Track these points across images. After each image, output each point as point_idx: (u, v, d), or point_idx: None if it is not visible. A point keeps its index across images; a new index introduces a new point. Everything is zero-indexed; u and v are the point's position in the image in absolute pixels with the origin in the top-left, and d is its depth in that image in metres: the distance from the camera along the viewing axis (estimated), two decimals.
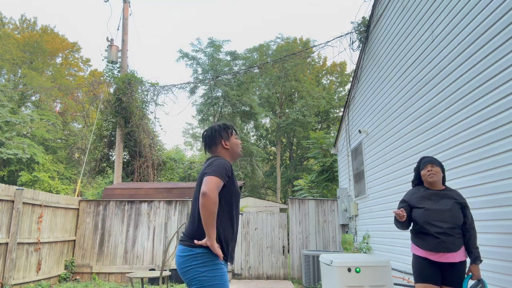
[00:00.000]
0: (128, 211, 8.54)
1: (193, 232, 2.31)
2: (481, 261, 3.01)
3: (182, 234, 2.40)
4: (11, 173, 20.94)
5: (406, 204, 3.27)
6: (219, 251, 2.21)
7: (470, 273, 3.02)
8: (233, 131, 2.63)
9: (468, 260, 3.05)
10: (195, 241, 2.25)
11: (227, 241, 2.33)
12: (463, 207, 3.10)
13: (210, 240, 2.19)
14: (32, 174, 19.83)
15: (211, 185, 2.20)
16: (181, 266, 2.25)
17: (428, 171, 3.25)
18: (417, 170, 3.38)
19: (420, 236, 3.11)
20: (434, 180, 3.21)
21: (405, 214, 3.06)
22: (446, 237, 2.98)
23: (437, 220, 3.03)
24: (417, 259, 3.14)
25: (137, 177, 12.07)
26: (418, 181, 3.39)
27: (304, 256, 7.79)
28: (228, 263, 2.40)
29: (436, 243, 3.00)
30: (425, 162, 3.31)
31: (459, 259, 2.99)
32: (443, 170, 3.30)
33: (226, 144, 2.56)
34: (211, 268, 2.20)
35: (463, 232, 3.06)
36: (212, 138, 2.56)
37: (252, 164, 22.34)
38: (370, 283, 3.87)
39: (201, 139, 2.72)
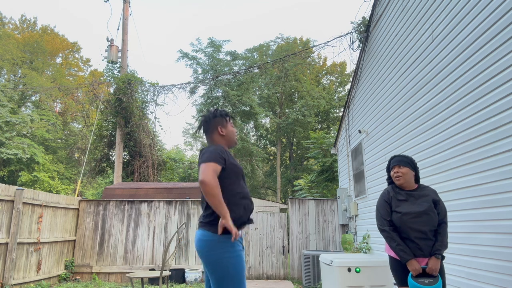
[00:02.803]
0: (128, 211, 8.54)
1: (208, 217, 2.40)
2: (442, 256, 2.92)
3: (200, 219, 2.49)
4: (11, 173, 20.95)
5: (388, 205, 3.15)
6: (234, 229, 2.28)
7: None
8: (230, 118, 2.70)
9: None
10: (219, 231, 2.31)
11: (239, 218, 2.41)
12: (436, 204, 3.03)
13: (225, 219, 2.27)
14: (32, 174, 19.84)
15: (207, 170, 2.29)
16: (202, 249, 2.35)
17: (395, 173, 3.16)
18: (388, 170, 3.29)
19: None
20: (401, 182, 3.13)
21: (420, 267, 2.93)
22: (424, 242, 2.94)
23: (415, 224, 2.96)
24: (395, 263, 3.07)
25: (137, 177, 12.07)
26: (390, 180, 3.29)
27: (304, 256, 7.79)
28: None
29: (415, 247, 2.95)
30: (393, 163, 3.21)
31: None
32: (414, 168, 3.18)
33: (222, 131, 2.61)
34: (230, 254, 2.31)
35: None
36: (209, 124, 2.63)
37: (252, 164, 22.33)
38: (370, 283, 3.87)
39: (199, 122, 2.80)
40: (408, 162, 3.16)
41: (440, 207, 3.04)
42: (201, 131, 2.71)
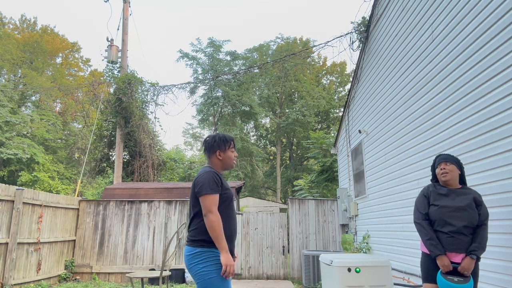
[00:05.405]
0: (128, 211, 8.53)
1: (190, 234, 2.63)
2: (477, 257, 2.87)
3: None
4: (11, 173, 20.95)
5: (427, 200, 3.12)
6: (228, 263, 2.47)
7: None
8: (232, 144, 2.87)
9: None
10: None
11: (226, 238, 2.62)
12: (478, 205, 2.98)
13: (223, 252, 2.47)
14: (32, 174, 19.85)
15: (208, 205, 2.51)
16: (187, 263, 2.58)
17: (441, 169, 3.12)
18: (433, 168, 3.27)
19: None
20: (447, 179, 3.08)
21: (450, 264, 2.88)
22: (459, 236, 2.89)
23: (452, 218, 2.92)
24: (426, 258, 3.05)
25: (137, 177, 12.07)
26: (435, 179, 3.26)
27: (304, 256, 7.79)
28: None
29: (448, 242, 2.90)
30: (439, 160, 3.18)
31: None
32: (460, 168, 3.14)
33: (220, 155, 2.82)
34: (209, 263, 2.50)
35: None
36: (211, 147, 2.85)
37: (252, 164, 22.33)
38: (370, 283, 3.87)
39: (202, 143, 3.00)
40: (454, 160, 3.14)
41: (482, 209, 2.98)
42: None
